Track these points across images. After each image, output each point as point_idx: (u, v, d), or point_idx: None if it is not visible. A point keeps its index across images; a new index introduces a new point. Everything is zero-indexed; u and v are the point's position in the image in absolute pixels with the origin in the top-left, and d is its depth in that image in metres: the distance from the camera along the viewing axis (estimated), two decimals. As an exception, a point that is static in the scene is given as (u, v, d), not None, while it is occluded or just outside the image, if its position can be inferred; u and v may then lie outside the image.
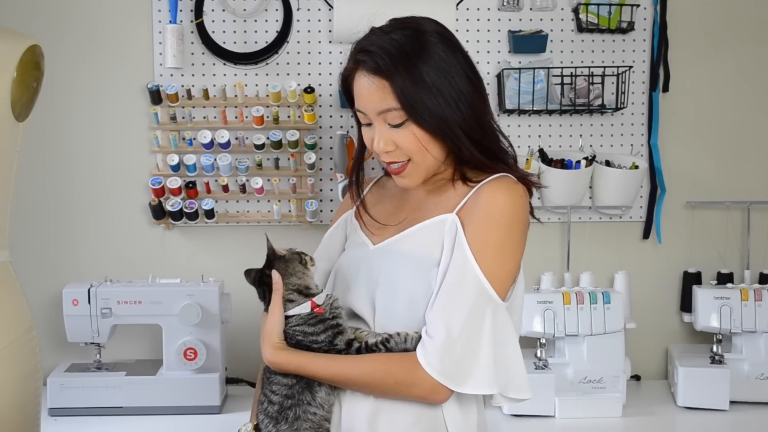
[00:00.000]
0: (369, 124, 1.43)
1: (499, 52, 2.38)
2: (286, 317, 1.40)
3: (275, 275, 1.41)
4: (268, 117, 2.32)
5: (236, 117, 2.34)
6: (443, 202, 1.45)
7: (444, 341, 1.32)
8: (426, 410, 1.38)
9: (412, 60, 1.37)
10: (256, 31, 2.35)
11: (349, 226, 1.59)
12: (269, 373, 1.42)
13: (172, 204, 2.29)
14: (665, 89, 2.40)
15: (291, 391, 1.38)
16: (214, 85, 2.35)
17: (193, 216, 2.32)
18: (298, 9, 2.35)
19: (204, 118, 2.36)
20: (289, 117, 2.33)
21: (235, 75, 2.36)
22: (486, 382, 1.34)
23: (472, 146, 1.40)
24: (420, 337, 1.37)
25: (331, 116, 2.38)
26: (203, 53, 2.35)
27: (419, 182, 1.45)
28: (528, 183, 1.45)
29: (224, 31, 2.34)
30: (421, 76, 1.36)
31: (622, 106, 2.34)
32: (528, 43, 2.35)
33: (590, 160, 2.34)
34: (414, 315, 1.39)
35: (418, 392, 1.35)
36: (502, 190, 1.39)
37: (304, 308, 1.40)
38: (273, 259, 1.43)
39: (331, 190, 2.39)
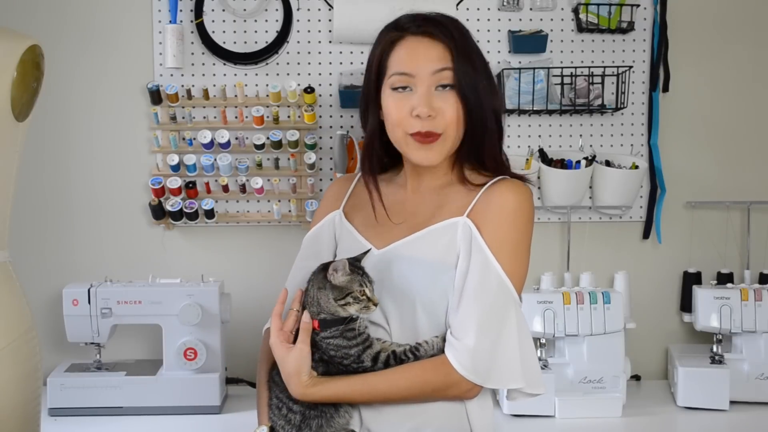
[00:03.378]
0: (404, 88, 1.42)
1: (499, 52, 2.38)
2: (322, 328, 1.38)
3: (306, 316, 1.39)
4: (268, 117, 2.32)
5: (236, 117, 2.34)
6: (446, 206, 1.46)
7: (474, 342, 1.34)
8: (447, 403, 1.40)
9: (466, 35, 1.44)
10: (256, 31, 2.35)
11: (338, 227, 1.57)
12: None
13: (172, 204, 2.29)
14: (665, 89, 2.40)
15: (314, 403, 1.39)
16: (214, 85, 2.35)
17: (193, 216, 2.32)
18: (298, 9, 2.35)
19: (204, 118, 2.36)
20: (289, 117, 2.33)
21: (235, 75, 2.36)
22: (516, 376, 1.37)
23: (496, 138, 1.46)
24: (443, 340, 1.38)
25: (331, 116, 2.38)
26: (203, 53, 2.35)
27: (440, 161, 1.45)
28: (524, 181, 1.49)
29: (224, 31, 2.34)
30: (473, 52, 1.43)
31: (622, 106, 2.34)
32: (528, 43, 2.35)
33: (590, 160, 2.34)
34: (431, 318, 1.41)
35: (454, 393, 1.38)
36: (513, 192, 1.42)
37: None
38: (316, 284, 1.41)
39: (331, 190, 2.39)
